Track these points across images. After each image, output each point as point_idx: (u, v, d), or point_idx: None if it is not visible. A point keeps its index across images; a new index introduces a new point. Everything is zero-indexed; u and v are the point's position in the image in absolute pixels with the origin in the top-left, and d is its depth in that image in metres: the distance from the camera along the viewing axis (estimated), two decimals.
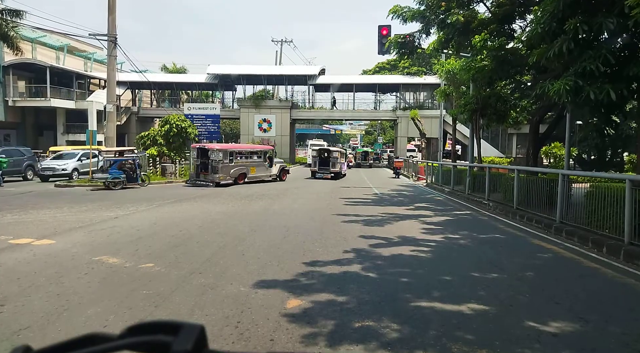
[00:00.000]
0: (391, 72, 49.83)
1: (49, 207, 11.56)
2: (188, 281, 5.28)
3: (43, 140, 34.02)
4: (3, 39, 21.95)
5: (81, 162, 21.94)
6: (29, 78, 33.13)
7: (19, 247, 6.98)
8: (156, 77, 40.55)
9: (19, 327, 3.85)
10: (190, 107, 24.77)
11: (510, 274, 5.96)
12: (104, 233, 8.14)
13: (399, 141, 40.87)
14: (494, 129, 31.04)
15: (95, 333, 0.61)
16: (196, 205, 12.51)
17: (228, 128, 56.50)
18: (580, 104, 8.12)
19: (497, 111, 15.39)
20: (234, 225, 9.35)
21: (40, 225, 8.97)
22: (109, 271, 5.68)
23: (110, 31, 19.47)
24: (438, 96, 23.29)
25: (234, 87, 42.69)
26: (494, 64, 12.55)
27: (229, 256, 6.51)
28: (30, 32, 28.73)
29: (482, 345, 3.62)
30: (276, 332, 3.85)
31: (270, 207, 12.30)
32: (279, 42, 49.36)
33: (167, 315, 4.20)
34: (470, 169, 16.23)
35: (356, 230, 8.85)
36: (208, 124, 23.72)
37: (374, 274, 5.75)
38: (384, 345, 3.61)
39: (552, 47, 7.73)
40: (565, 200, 9.12)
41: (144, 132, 23.18)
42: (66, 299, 4.58)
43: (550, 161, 27.29)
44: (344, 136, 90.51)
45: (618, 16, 7.05)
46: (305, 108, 42.94)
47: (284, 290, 4.97)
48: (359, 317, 4.21)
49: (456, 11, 12.54)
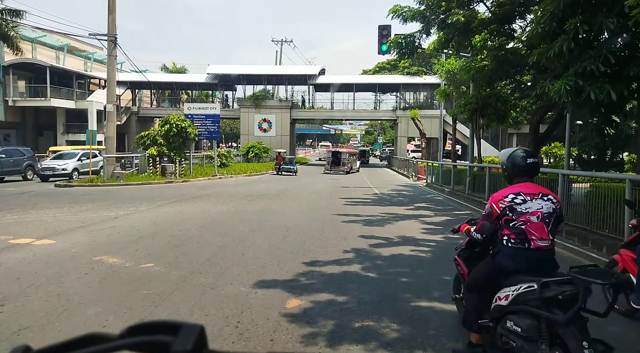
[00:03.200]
0: (391, 72, 49.82)
1: (49, 207, 11.57)
2: (188, 281, 5.29)
3: (43, 140, 34.03)
4: (3, 38, 21.96)
5: (81, 162, 21.93)
6: (29, 78, 33.14)
7: (19, 247, 6.98)
8: (156, 77, 40.54)
9: (19, 327, 3.86)
10: (190, 107, 24.68)
11: None
12: (104, 233, 8.14)
13: (399, 141, 40.86)
14: (494, 129, 31.03)
15: (95, 333, 0.61)
16: (196, 205, 12.51)
17: (228, 128, 56.52)
18: (580, 104, 8.11)
19: (497, 111, 15.38)
20: (234, 224, 9.35)
21: (41, 224, 8.97)
22: (109, 271, 5.69)
23: (110, 31, 19.45)
24: (438, 96, 23.29)
25: (234, 87, 42.69)
26: (494, 64, 12.54)
27: (229, 256, 6.51)
28: (30, 32, 28.72)
29: None
30: (276, 332, 3.86)
31: (270, 207, 12.30)
32: (279, 42, 49.42)
33: (167, 315, 4.20)
34: (470, 169, 16.23)
35: (356, 230, 8.85)
36: (208, 124, 23.64)
37: (374, 274, 5.75)
38: (384, 345, 3.61)
39: (552, 47, 7.72)
40: (565, 200, 9.11)
41: (144, 132, 23.15)
42: (66, 299, 4.58)
43: (550, 161, 27.31)
44: (344, 136, 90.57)
45: (618, 16, 7.04)
46: (305, 108, 42.94)
47: (284, 290, 4.97)
48: (359, 316, 4.22)
49: (456, 11, 12.52)
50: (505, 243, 3.17)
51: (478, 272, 3.42)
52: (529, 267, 3.08)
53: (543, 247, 3.14)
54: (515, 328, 2.94)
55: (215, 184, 19.72)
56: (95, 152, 20.97)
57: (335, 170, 29.63)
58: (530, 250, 3.11)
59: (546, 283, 2.87)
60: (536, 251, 3.12)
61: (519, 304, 2.97)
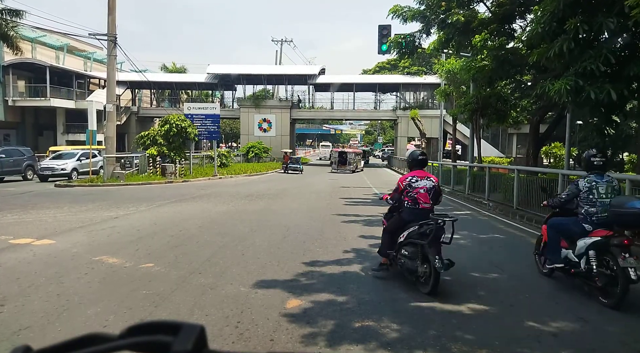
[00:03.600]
0: (391, 72, 49.82)
1: (49, 207, 11.56)
2: (188, 281, 5.28)
3: (43, 140, 34.01)
4: (3, 38, 21.94)
5: (80, 162, 21.90)
6: (28, 78, 33.12)
7: (19, 247, 6.98)
8: (156, 77, 40.54)
9: (19, 327, 3.86)
10: (190, 107, 24.65)
11: (510, 274, 5.96)
12: (104, 233, 8.14)
13: (399, 141, 40.83)
14: (494, 129, 31.06)
15: (95, 333, 0.61)
16: (196, 205, 12.51)
17: (228, 128, 56.49)
18: (580, 104, 8.11)
19: (497, 110, 15.37)
20: (233, 224, 9.35)
21: (41, 224, 8.97)
22: (109, 271, 5.69)
23: (110, 31, 19.44)
24: (438, 95, 23.26)
25: (234, 87, 42.65)
26: (494, 63, 12.53)
27: (229, 256, 6.51)
28: (30, 32, 28.71)
29: (482, 345, 3.63)
30: (276, 332, 3.85)
31: (270, 207, 12.30)
32: (279, 42, 49.40)
33: (167, 315, 4.20)
34: (470, 169, 16.22)
35: (356, 230, 8.85)
36: (208, 124, 23.62)
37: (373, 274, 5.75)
38: (383, 345, 3.61)
39: (553, 47, 7.72)
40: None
41: (144, 132, 23.15)
42: (66, 299, 4.58)
43: (550, 161, 27.31)
44: (344, 136, 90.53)
45: (618, 16, 7.04)
46: (305, 108, 42.92)
47: (284, 290, 4.97)
48: (359, 316, 4.22)
49: (456, 11, 12.51)
50: (405, 205, 5.45)
51: (391, 222, 5.69)
52: (418, 219, 5.22)
53: (426, 208, 5.35)
54: (404, 253, 5.18)
55: (215, 184, 19.72)
56: (94, 152, 20.94)
57: (342, 169, 31.22)
58: (419, 209, 5.34)
59: (421, 225, 5.10)
60: (422, 210, 5.33)
61: (408, 239, 5.18)
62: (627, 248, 4.59)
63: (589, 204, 5.11)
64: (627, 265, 4.46)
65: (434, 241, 4.91)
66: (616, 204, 4.91)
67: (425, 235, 4.97)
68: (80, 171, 21.59)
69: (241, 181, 22.07)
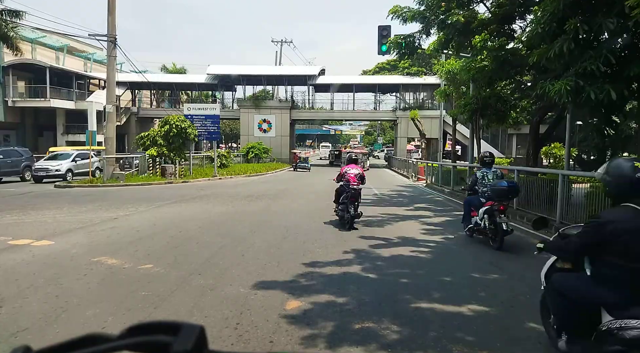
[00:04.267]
0: (391, 72, 49.79)
1: (48, 208, 11.55)
2: (187, 282, 5.27)
3: (43, 141, 33.98)
4: (3, 39, 21.92)
5: (75, 163, 21.81)
6: (28, 78, 33.10)
7: (18, 248, 6.97)
8: (156, 78, 40.50)
9: (17, 329, 3.84)
10: (189, 107, 24.64)
11: (510, 274, 5.96)
12: (104, 234, 8.13)
13: (398, 141, 40.84)
14: (493, 129, 31.04)
15: (95, 334, 0.60)
16: (196, 206, 12.50)
17: (228, 128, 56.50)
18: (580, 105, 8.11)
19: (497, 111, 15.36)
20: (233, 225, 9.35)
21: (40, 225, 8.96)
22: (108, 272, 5.67)
23: (109, 31, 19.44)
24: (438, 96, 23.28)
25: (234, 87, 42.61)
26: (494, 64, 12.54)
27: (229, 257, 6.50)
28: (30, 33, 28.70)
29: (483, 347, 3.62)
30: (276, 334, 3.84)
31: (270, 207, 12.30)
32: (278, 43, 49.39)
33: (166, 316, 4.19)
34: (470, 170, 16.22)
35: (356, 231, 8.84)
36: (208, 124, 23.61)
37: (373, 275, 5.74)
38: (384, 347, 3.60)
39: (553, 47, 7.71)
40: (565, 200, 9.11)
41: (144, 132, 23.14)
42: (65, 300, 4.57)
43: (550, 161, 27.31)
44: (343, 137, 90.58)
45: (618, 16, 7.04)
46: (305, 108, 42.94)
47: (283, 291, 4.96)
48: (359, 318, 4.20)
49: (456, 11, 12.52)
50: (343, 184, 9.23)
51: (337, 193, 9.50)
52: (351, 196, 9.01)
53: (356, 188, 9.12)
54: (340, 207, 9.31)
55: (215, 185, 19.71)
56: (91, 153, 20.88)
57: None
58: (351, 188, 9.04)
59: (347, 193, 9.07)
60: (352, 189, 9.04)
61: (343, 200, 9.12)
62: (502, 212, 7.29)
63: (482, 186, 7.94)
64: (501, 221, 7.19)
65: (352, 200, 9.02)
66: (493, 184, 7.63)
67: (348, 198, 8.99)
68: (76, 172, 21.47)
69: (241, 182, 22.07)
